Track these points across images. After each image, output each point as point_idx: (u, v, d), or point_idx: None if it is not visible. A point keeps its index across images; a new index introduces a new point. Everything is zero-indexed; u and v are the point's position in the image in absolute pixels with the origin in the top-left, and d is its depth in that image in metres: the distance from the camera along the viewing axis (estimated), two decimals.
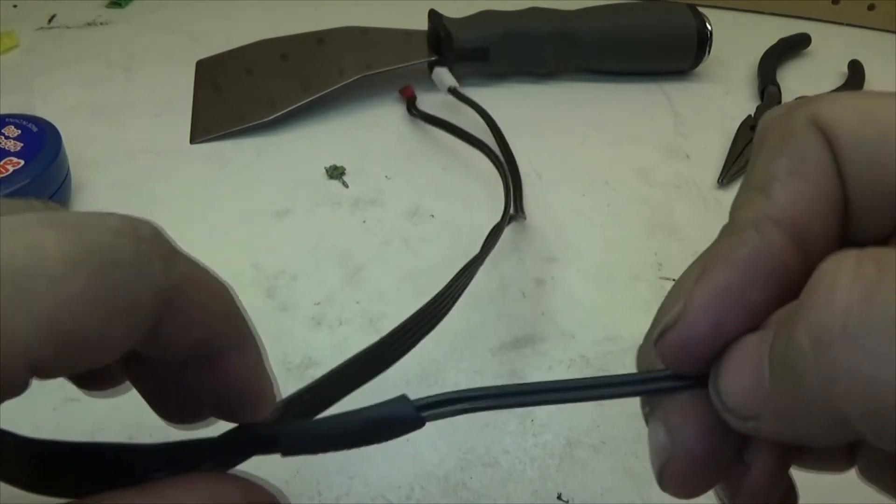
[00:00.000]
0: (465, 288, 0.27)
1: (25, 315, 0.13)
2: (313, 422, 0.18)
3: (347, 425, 0.17)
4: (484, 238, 0.32)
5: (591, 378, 0.16)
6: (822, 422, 0.13)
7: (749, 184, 0.16)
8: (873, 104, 0.15)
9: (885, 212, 0.15)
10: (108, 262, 0.14)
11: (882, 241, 0.16)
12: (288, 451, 0.18)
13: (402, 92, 0.48)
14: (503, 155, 0.41)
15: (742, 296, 0.15)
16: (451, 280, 0.26)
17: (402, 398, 0.16)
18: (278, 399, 0.19)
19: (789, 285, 0.15)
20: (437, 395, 0.16)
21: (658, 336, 0.15)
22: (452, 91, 0.46)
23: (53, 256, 0.13)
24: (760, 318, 0.15)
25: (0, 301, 0.12)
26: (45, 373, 0.14)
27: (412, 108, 0.47)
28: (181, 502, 0.15)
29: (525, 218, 0.38)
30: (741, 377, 0.14)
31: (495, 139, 0.42)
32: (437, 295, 0.24)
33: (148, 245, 0.15)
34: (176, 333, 0.16)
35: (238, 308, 0.18)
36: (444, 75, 0.47)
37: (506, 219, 0.35)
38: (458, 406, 0.16)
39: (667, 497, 0.28)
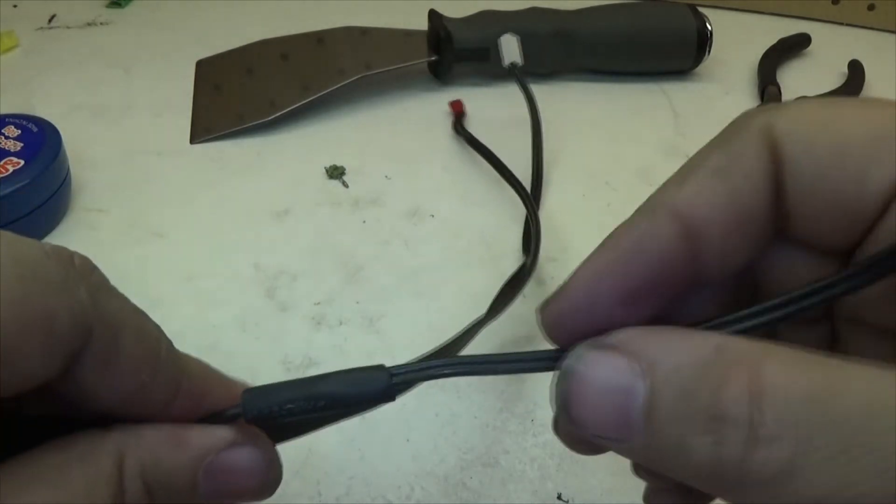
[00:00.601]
0: (463, 347, 0.26)
1: None
2: (278, 384, 0.17)
3: (314, 387, 0.17)
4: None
5: (509, 353, 0.17)
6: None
7: (678, 170, 0.17)
8: (834, 116, 0.15)
9: (829, 224, 0.15)
10: (31, 275, 0.13)
11: (827, 251, 0.16)
12: (250, 414, 0.17)
13: (451, 105, 0.47)
14: (533, 182, 0.40)
15: (619, 277, 0.16)
16: (451, 339, 0.26)
17: (380, 367, 0.17)
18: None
19: (670, 274, 0.15)
20: (404, 366, 0.17)
21: (540, 307, 0.16)
22: (512, 68, 0.44)
23: None
24: (635, 300, 0.15)
25: None
26: None
27: (458, 126, 0.45)
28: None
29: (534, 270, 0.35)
30: (603, 413, 0.14)
31: (533, 147, 0.42)
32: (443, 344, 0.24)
33: (78, 273, 0.15)
34: (98, 376, 0.15)
35: (170, 357, 0.16)
36: (511, 46, 0.45)
37: (527, 268, 0.33)
38: (423, 374, 0.17)
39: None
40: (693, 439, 0.13)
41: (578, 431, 0.15)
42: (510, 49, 0.46)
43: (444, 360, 0.17)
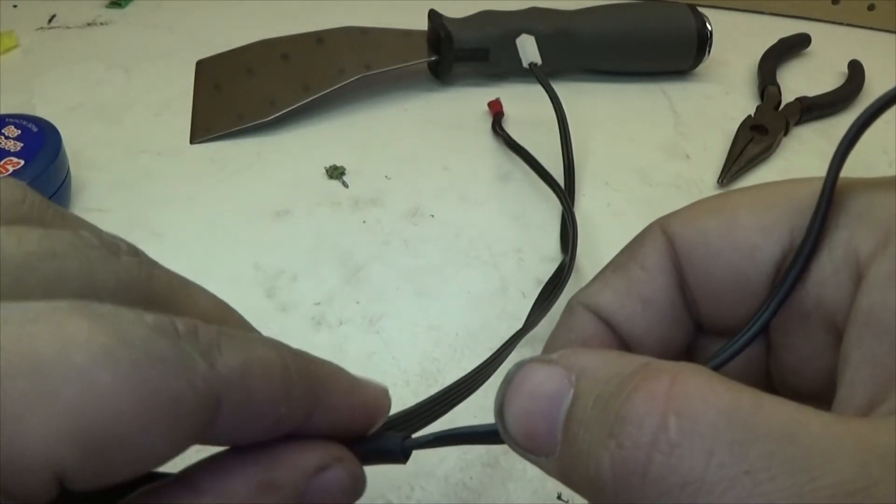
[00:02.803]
0: (503, 361, 0.26)
1: (47, 411, 0.11)
2: None
3: None
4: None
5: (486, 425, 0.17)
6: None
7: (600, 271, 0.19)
8: (722, 203, 0.17)
9: (729, 300, 0.17)
10: (144, 358, 0.12)
11: (736, 327, 0.17)
12: None
13: (490, 105, 0.47)
14: (566, 181, 0.40)
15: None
16: (492, 355, 0.26)
17: (394, 437, 0.18)
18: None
19: (592, 345, 0.18)
20: (422, 437, 0.18)
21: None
22: (532, 67, 0.45)
23: (84, 346, 0.11)
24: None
25: (13, 395, 0.11)
26: (73, 482, 0.11)
27: (497, 126, 0.45)
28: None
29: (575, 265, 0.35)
30: (532, 420, 0.14)
31: (563, 148, 0.41)
32: (472, 371, 0.24)
33: (189, 343, 0.13)
34: (234, 428, 0.14)
35: (302, 376, 0.16)
36: (529, 46, 0.45)
37: (566, 269, 0.33)
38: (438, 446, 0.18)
39: None
40: (599, 444, 0.13)
41: (511, 444, 0.15)
42: (528, 49, 0.46)
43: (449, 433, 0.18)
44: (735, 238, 0.16)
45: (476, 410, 0.26)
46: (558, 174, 0.41)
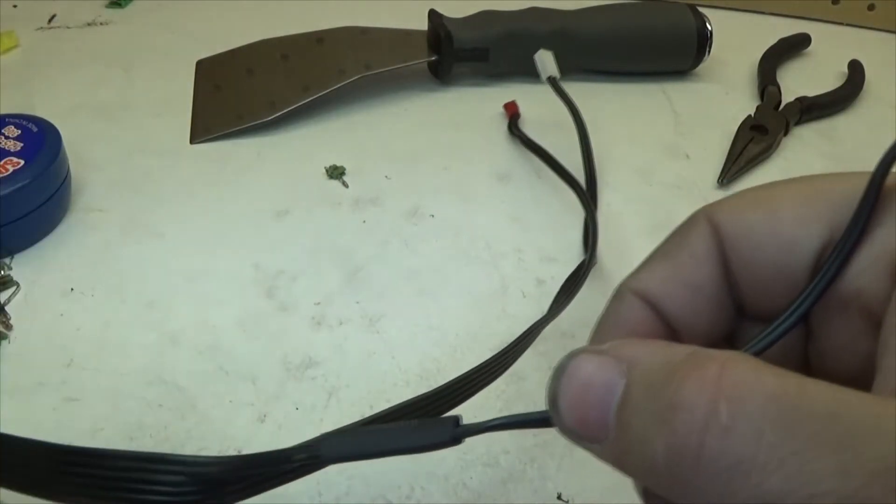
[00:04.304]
0: (526, 348, 0.27)
1: None
2: (354, 436, 0.19)
3: (389, 442, 0.19)
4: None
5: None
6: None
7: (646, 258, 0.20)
8: (766, 195, 0.18)
9: (771, 288, 0.18)
10: None
11: (776, 314, 0.17)
12: (328, 459, 0.19)
13: (506, 107, 0.47)
14: (587, 183, 0.40)
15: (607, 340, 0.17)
16: (514, 342, 0.26)
17: (450, 421, 0.18)
18: None
19: (638, 332, 0.18)
20: (474, 424, 0.18)
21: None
22: (551, 81, 0.45)
23: None
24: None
25: None
26: None
27: (513, 127, 0.45)
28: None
29: (596, 263, 0.36)
30: (585, 408, 0.15)
31: (582, 154, 0.42)
32: (501, 351, 0.25)
33: None
34: None
35: None
36: (547, 61, 0.46)
37: (586, 266, 0.33)
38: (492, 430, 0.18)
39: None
40: (652, 432, 0.13)
41: (562, 430, 0.16)
42: (547, 64, 0.46)
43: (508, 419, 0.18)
44: (777, 230, 0.17)
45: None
46: (556, 177, 0.41)
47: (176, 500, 0.20)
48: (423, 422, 0.19)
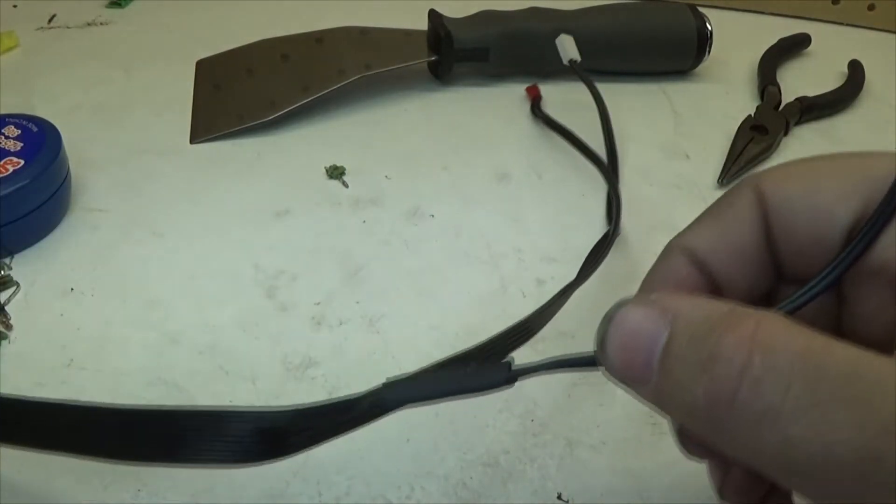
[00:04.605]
0: (558, 309, 0.28)
1: None
2: (415, 379, 0.21)
3: (448, 384, 0.20)
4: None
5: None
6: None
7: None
8: (810, 168, 0.20)
9: (808, 255, 0.19)
10: None
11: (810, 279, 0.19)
12: (391, 405, 0.20)
13: (528, 91, 0.48)
14: (609, 159, 0.42)
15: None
16: (547, 302, 0.27)
17: (505, 363, 0.20)
18: None
19: (683, 287, 0.20)
20: (526, 364, 0.20)
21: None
22: (572, 63, 0.46)
23: None
24: None
25: None
26: None
27: (536, 109, 0.47)
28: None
29: (619, 234, 0.37)
30: (630, 353, 0.17)
31: (604, 136, 0.43)
32: (531, 314, 0.26)
33: None
34: None
35: None
36: (568, 44, 0.47)
37: (610, 236, 0.34)
38: (543, 372, 0.20)
39: (666, 497, 0.28)
40: (692, 379, 0.15)
41: (609, 371, 0.17)
42: (568, 47, 0.47)
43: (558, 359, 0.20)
44: (816, 202, 0.19)
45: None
46: (559, 176, 0.41)
47: (242, 452, 0.20)
48: (479, 366, 0.20)
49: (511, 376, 0.20)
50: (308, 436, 0.21)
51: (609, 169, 0.41)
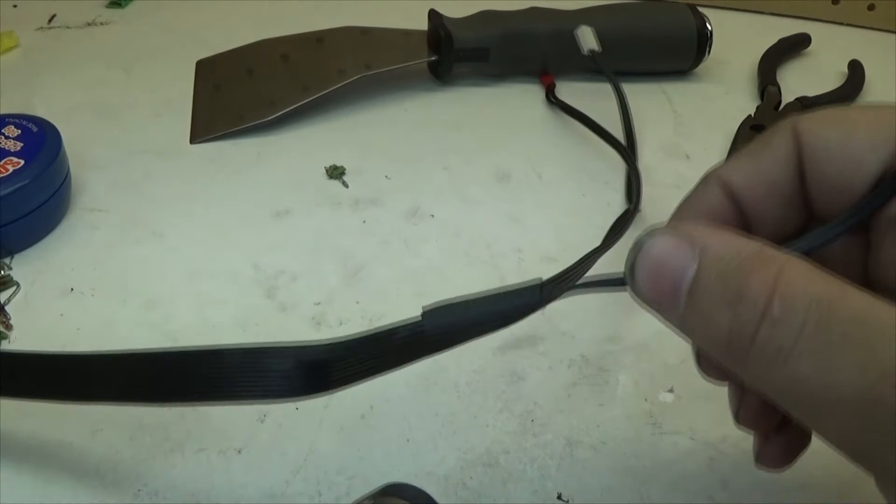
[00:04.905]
0: (580, 276, 0.28)
1: None
2: (455, 305, 0.22)
3: (486, 306, 0.21)
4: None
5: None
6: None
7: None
8: (846, 116, 0.20)
9: (837, 198, 0.20)
10: None
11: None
12: (433, 330, 0.21)
13: (542, 79, 0.49)
14: (627, 142, 0.43)
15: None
16: (569, 267, 0.27)
17: (536, 284, 0.21)
18: None
19: (715, 216, 0.21)
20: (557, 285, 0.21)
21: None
22: (591, 53, 0.47)
23: None
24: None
25: None
26: None
27: (551, 96, 0.48)
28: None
29: (640, 212, 0.39)
30: (658, 282, 0.18)
31: (622, 119, 0.44)
32: (550, 278, 0.26)
33: None
34: None
35: None
36: (587, 35, 0.48)
37: (631, 212, 0.36)
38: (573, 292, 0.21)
39: (666, 497, 0.28)
40: (718, 313, 0.16)
41: (637, 296, 0.18)
42: (587, 38, 0.47)
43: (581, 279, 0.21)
44: (849, 149, 0.19)
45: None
46: (560, 176, 0.41)
47: (286, 387, 0.21)
48: (512, 291, 0.21)
49: (543, 297, 0.20)
50: (351, 371, 0.21)
51: (628, 148, 0.42)
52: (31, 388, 0.25)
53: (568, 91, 0.49)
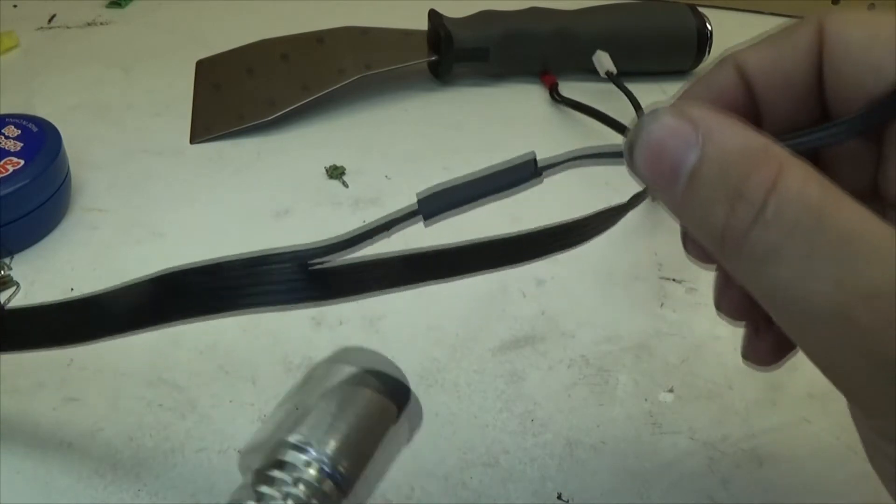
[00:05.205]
0: (597, 231, 0.28)
1: None
2: (448, 189, 0.22)
3: (479, 187, 0.21)
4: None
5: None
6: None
7: None
8: (871, 20, 0.20)
9: (851, 101, 0.19)
10: None
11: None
12: (428, 214, 0.21)
13: (544, 79, 0.50)
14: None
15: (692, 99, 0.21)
16: (591, 215, 0.27)
17: (530, 159, 0.21)
18: None
19: (726, 98, 0.21)
20: (553, 157, 0.21)
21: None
22: (610, 76, 0.47)
23: None
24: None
25: None
26: None
27: (555, 94, 0.48)
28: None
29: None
30: (657, 164, 0.17)
31: (633, 106, 0.45)
32: (573, 220, 0.26)
33: None
34: None
35: None
36: (604, 59, 0.48)
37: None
38: (569, 164, 0.21)
39: (666, 497, 0.28)
40: (716, 205, 0.16)
41: (634, 173, 0.19)
42: (604, 62, 0.48)
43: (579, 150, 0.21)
44: (871, 53, 0.19)
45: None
46: (559, 176, 0.41)
47: (289, 292, 0.21)
48: (505, 168, 0.21)
49: (538, 170, 0.20)
50: (353, 280, 0.22)
51: None
52: (41, 338, 0.25)
53: (569, 91, 0.49)
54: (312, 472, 0.18)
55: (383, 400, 0.20)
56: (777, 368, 0.22)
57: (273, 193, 0.41)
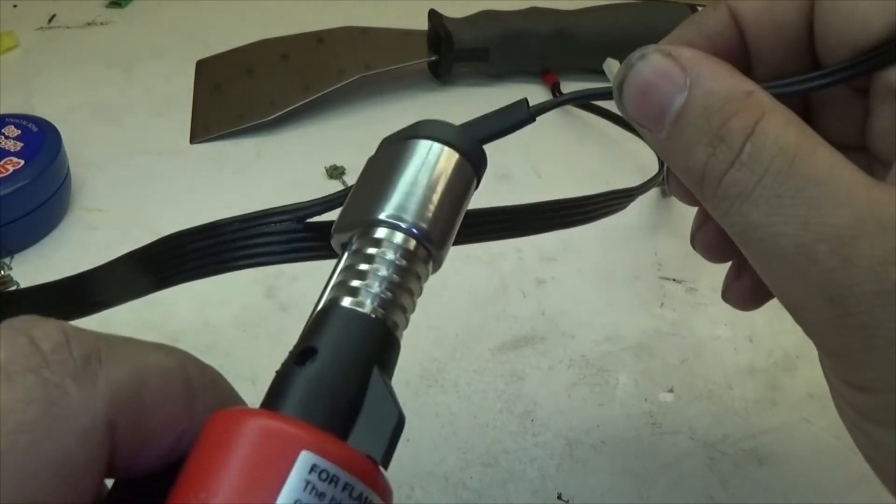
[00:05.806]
0: (608, 212, 0.28)
1: None
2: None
3: (475, 128, 0.22)
4: None
5: None
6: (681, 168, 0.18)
7: None
8: None
9: (839, 55, 0.19)
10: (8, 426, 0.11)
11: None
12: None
13: (545, 78, 0.50)
14: None
15: (683, 41, 0.21)
16: (600, 193, 0.27)
17: (522, 102, 0.22)
18: None
19: (725, 50, 0.20)
20: (546, 102, 0.21)
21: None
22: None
23: None
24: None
25: None
26: None
27: (558, 93, 0.49)
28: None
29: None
30: (645, 105, 0.18)
31: None
32: (589, 196, 0.27)
33: (53, 369, 0.12)
34: (132, 453, 0.13)
35: (213, 385, 0.16)
36: (615, 67, 0.48)
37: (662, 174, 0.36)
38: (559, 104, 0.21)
39: (666, 497, 0.28)
40: (698, 147, 0.17)
41: (622, 112, 0.19)
42: (615, 70, 0.47)
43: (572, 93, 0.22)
44: (859, 6, 0.19)
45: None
46: (559, 176, 0.41)
47: (286, 248, 0.21)
48: (498, 111, 0.22)
49: (532, 112, 0.21)
50: None
51: None
52: (44, 313, 0.25)
53: (569, 90, 0.49)
54: (406, 243, 0.19)
55: (463, 164, 0.22)
56: (754, 309, 0.23)
57: (273, 193, 0.41)
